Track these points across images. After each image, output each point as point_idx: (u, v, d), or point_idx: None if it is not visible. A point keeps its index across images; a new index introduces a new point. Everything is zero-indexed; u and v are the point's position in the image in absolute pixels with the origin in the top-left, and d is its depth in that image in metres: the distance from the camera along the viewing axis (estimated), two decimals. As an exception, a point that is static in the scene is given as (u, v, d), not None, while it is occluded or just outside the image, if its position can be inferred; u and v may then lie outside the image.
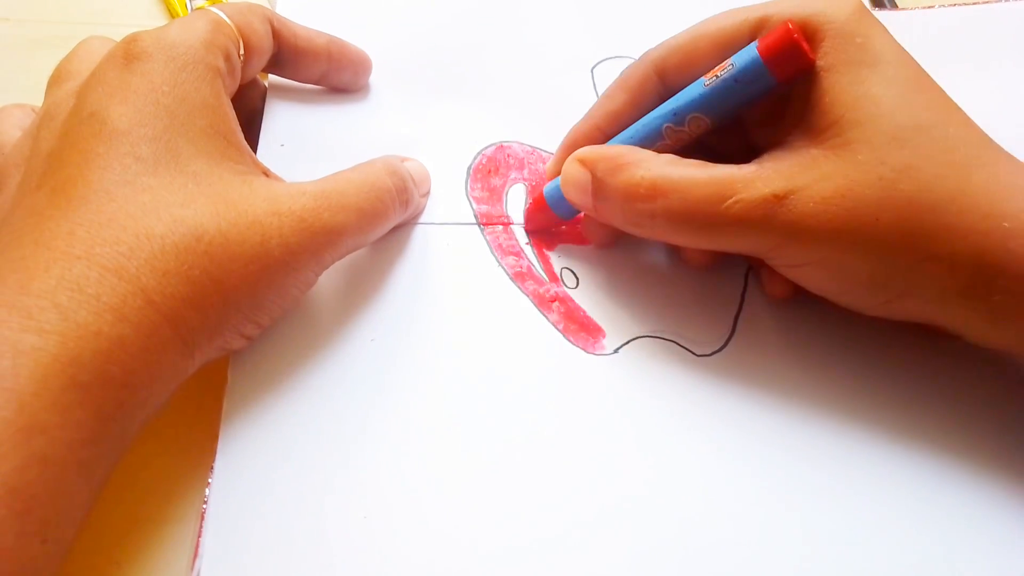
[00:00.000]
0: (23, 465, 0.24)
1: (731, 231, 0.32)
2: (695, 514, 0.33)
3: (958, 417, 0.35)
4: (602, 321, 0.37)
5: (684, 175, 0.33)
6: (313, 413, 0.34)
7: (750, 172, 0.32)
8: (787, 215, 0.31)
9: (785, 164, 0.32)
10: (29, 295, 0.26)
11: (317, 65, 0.40)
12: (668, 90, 0.36)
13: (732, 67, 0.32)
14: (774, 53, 0.31)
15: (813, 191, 0.31)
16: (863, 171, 0.30)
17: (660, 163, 0.33)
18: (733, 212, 0.31)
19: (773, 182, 0.31)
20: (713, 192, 0.32)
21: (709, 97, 0.33)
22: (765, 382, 0.36)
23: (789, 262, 0.33)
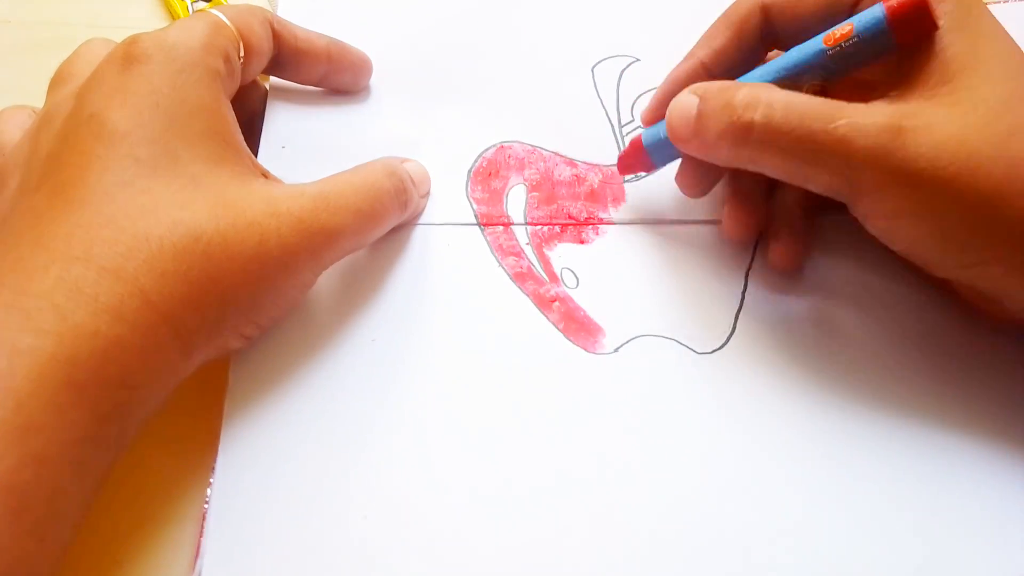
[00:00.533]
0: (19, 464, 0.24)
1: (835, 156, 0.30)
2: (697, 511, 0.33)
3: (962, 414, 0.35)
4: (602, 320, 0.37)
5: (787, 93, 0.32)
6: (314, 413, 0.34)
7: (860, 104, 0.31)
8: (900, 150, 0.30)
9: (898, 104, 0.31)
10: (27, 295, 0.26)
11: (317, 67, 0.40)
12: (771, 29, 0.36)
13: (857, 36, 0.32)
14: (902, 17, 0.31)
15: (928, 133, 0.30)
16: (977, 126, 0.30)
17: (763, 85, 0.33)
18: (841, 133, 0.30)
19: (890, 114, 0.30)
20: (821, 111, 0.31)
21: (831, 64, 0.33)
22: (766, 379, 0.36)
23: (886, 209, 0.32)
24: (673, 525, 0.32)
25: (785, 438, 0.34)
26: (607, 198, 0.40)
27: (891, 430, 0.34)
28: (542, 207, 0.40)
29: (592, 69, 0.44)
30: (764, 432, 0.34)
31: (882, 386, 0.35)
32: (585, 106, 0.43)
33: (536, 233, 0.40)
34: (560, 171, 0.41)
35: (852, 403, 0.35)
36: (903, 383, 0.35)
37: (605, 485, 0.33)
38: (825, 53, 0.33)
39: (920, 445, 0.34)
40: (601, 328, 0.37)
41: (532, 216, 0.40)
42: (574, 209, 0.40)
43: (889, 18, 0.31)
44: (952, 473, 0.34)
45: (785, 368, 0.36)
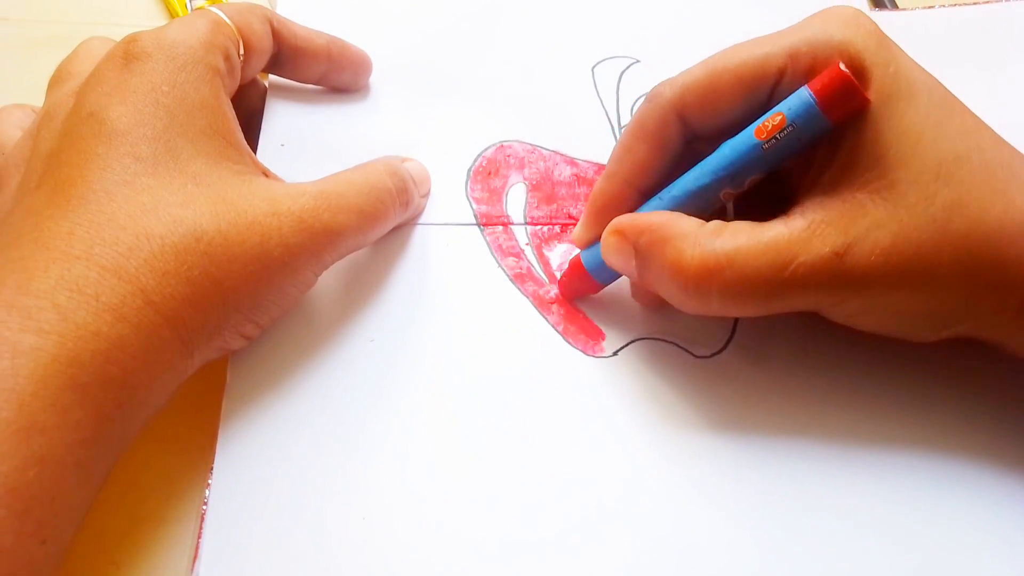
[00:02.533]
0: (22, 465, 0.24)
1: (793, 295, 0.30)
2: (694, 516, 0.33)
3: (963, 418, 0.35)
4: (602, 323, 0.37)
5: (737, 246, 0.30)
6: (312, 413, 0.34)
7: (802, 230, 0.30)
8: (848, 269, 0.30)
9: (835, 215, 0.30)
10: (28, 295, 0.26)
11: (317, 65, 0.40)
12: (690, 130, 0.34)
13: (791, 125, 0.30)
14: (832, 99, 0.30)
15: (870, 242, 0.29)
16: (914, 214, 0.29)
17: (707, 236, 0.31)
18: (795, 277, 0.30)
19: (830, 239, 0.30)
20: (772, 260, 0.30)
21: (769, 157, 0.31)
22: (765, 384, 0.36)
23: (849, 312, 0.32)
24: (670, 528, 0.32)
25: (784, 442, 0.34)
26: (607, 199, 0.40)
27: (891, 435, 0.35)
28: (542, 207, 0.40)
29: (592, 69, 0.44)
30: (763, 436, 0.34)
31: (882, 390, 0.35)
32: (585, 105, 0.43)
33: (536, 233, 0.40)
34: (560, 170, 0.41)
35: (851, 407, 0.35)
36: (903, 388, 0.36)
37: (603, 487, 0.33)
38: (761, 147, 0.31)
39: (920, 449, 0.34)
40: (600, 331, 0.37)
41: (532, 216, 0.40)
42: (574, 209, 0.40)
43: (818, 101, 0.30)
44: (954, 480, 0.34)
45: (784, 373, 0.36)
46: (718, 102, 0.33)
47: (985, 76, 0.44)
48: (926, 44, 0.35)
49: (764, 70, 0.32)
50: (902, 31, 0.33)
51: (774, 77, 0.32)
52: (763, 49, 0.32)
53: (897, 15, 0.48)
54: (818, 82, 0.30)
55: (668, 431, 0.34)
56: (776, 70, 0.32)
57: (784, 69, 0.31)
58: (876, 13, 0.47)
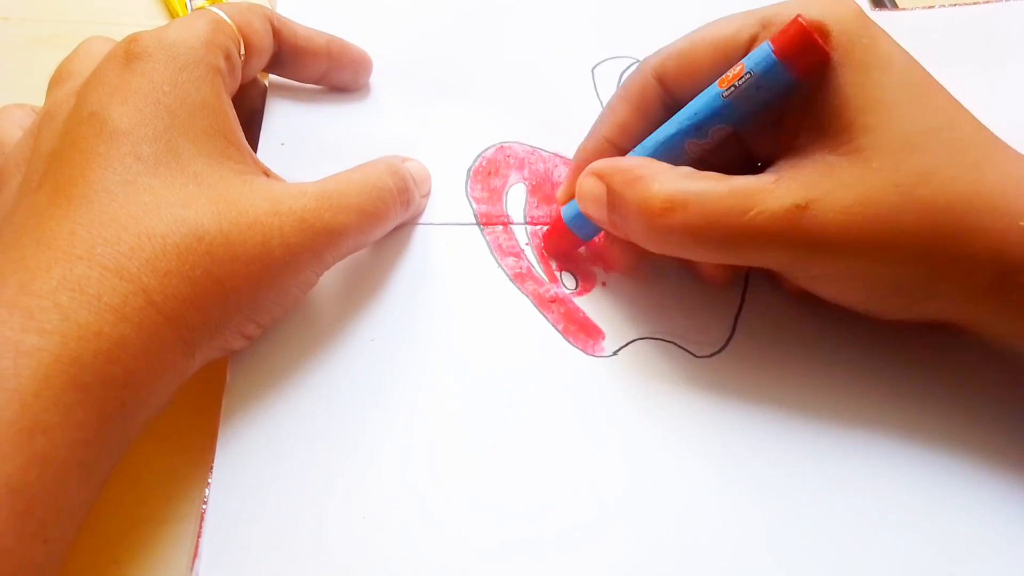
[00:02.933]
0: (24, 465, 0.24)
1: (752, 244, 0.31)
2: (695, 515, 0.33)
3: (963, 417, 0.35)
4: (602, 322, 0.37)
5: (702, 188, 0.31)
6: (312, 413, 0.34)
7: (769, 183, 0.31)
8: (809, 226, 0.30)
9: (803, 173, 0.31)
10: (30, 295, 0.26)
11: (317, 65, 0.40)
12: (671, 95, 0.35)
13: (749, 73, 0.31)
14: (789, 49, 0.30)
15: (833, 200, 0.30)
16: (880, 178, 0.30)
17: (676, 176, 0.32)
18: (755, 224, 0.30)
19: (793, 192, 0.30)
20: (733, 204, 0.31)
21: (731, 106, 0.32)
22: (765, 383, 0.36)
23: (810, 273, 0.32)
24: (671, 527, 0.32)
25: (785, 442, 0.34)
26: (607, 199, 0.40)
27: (892, 433, 0.35)
28: (542, 206, 0.40)
29: (592, 70, 0.44)
30: (763, 436, 0.34)
31: (883, 388, 0.36)
32: (585, 107, 0.43)
33: (536, 233, 0.40)
34: (560, 172, 0.41)
35: (852, 406, 0.35)
36: (904, 385, 0.36)
37: (604, 487, 0.33)
38: (721, 95, 0.32)
39: (922, 448, 0.34)
40: (601, 330, 0.37)
41: (532, 215, 0.40)
42: (574, 210, 0.40)
43: (775, 50, 0.30)
44: (956, 476, 0.34)
45: (785, 372, 0.36)
46: (694, 68, 0.34)
47: (985, 75, 0.44)
48: (926, 44, 0.35)
49: (736, 38, 0.33)
50: (902, 30, 0.33)
51: (745, 44, 0.33)
52: (738, 20, 0.34)
53: (897, 15, 0.48)
54: (778, 34, 0.31)
55: (668, 430, 0.34)
56: (748, 38, 0.33)
57: (755, 37, 0.33)
58: (876, 13, 0.47)
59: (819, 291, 0.33)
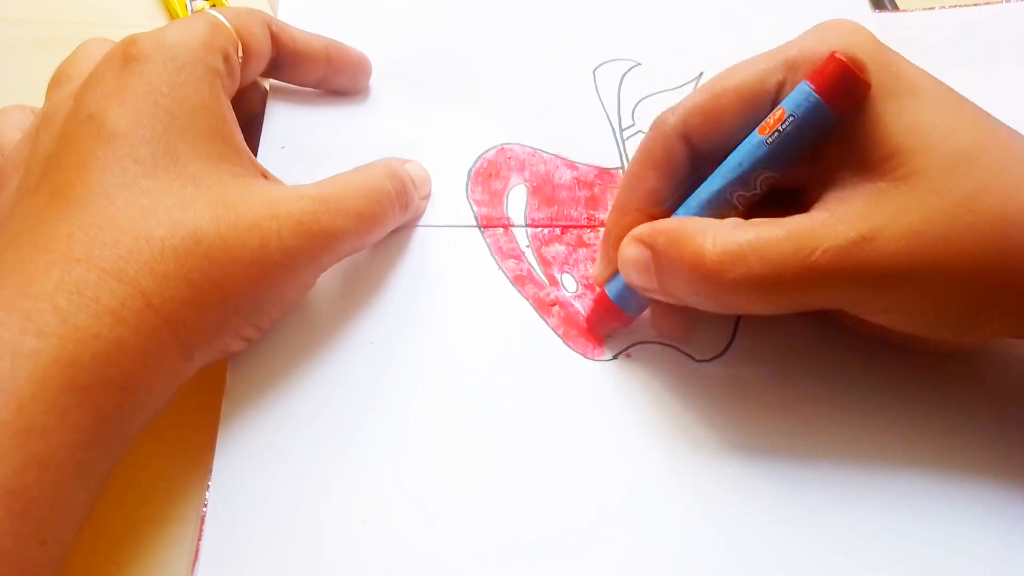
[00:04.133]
0: (22, 467, 0.24)
1: (819, 285, 0.29)
2: (694, 520, 0.33)
3: (965, 428, 0.35)
4: (602, 324, 0.37)
5: (758, 236, 0.29)
6: (312, 416, 0.34)
7: (825, 219, 0.29)
8: (875, 256, 0.28)
9: (856, 205, 0.29)
10: (28, 297, 0.26)
11: (316, 69, 0.40)
12: (696, 152, 0.34)
13: (792, 116, 0.30)
14: (830, 86, 0.29)
15: (895, 227, 0.29)
16: (937, 199, 0.29)
17: (726, 228, 0.30)
18: (821, 264, 0.29)
19: (854, 225, 0.29)
20: (796, 247, 0.29)
21: (776, 152, 0.31)
22: (765, 387, 0.36)
23: (879, 307, 0.31)
24: (670, 531, 0.32)
25: (784, 445, 0.34)
26: (608, 201, 0.40)
27: (892, 437, 0.35)
28: (543, 209, 0.40)
29: (593, 72, 0.44)
30: (763, 439, 0.34)
31: (883, 394, 0.35)
32: (586, 108, 0.43)
33: (536, 235, 0.39)
34: (561, 173, 0.41)
35: (852, 411, 0.35)
36: (905, 391, 0.36)
37: (603, 491, 0.33)
38: (765, 142, 0.31)
39: (922, 452, 0.34)
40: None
41: (533, 218, 0.40)
42: (575, 211, 0.40)
43: (816, 89, 0.29)
44: (955, 483, 0.34)
45: (784, 376, 0.36)
46: (721, 121, 0.33)
47: (985, 77, 0.44)
48: (926, 45, 0.35)
49: (763, 85, 0.32)
50: (902, 33, 0.33)
51: (774, 90, 0.32)
52: (761, 65, 0.32)
53: (897, 16, 0.48)
54: (815, 72, 0.30)
55: (668, 434, 0.34)
56: (776, 84, 0.32)
57: (783, 82, 0.31)
58: (877, 15, 0.47)
59: (882, 322, 0.32)
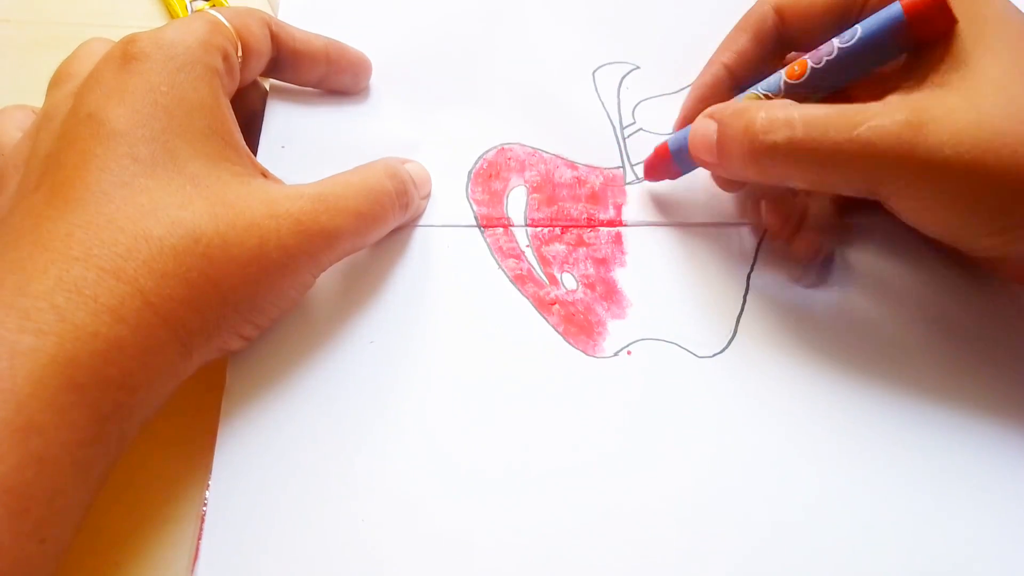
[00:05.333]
0: (20, 465, 0.24)
1: (859, 162, 0.31)
2: (697, 516, 0.33)
3: (965, 421, 0.35)
4: (602, 323, 0.37)
5: (808, 110, 0.32)
6: (311, 415, 0.34)
7: (879, 105, 0.32)
8: (922, 144, 0.30)
9: (914, 97, 0.32)
10: (27, 296, 0.26)
11: (316, 68, 0.40)
12: (787, 28, 0.37)
13: (873, 28, 0.33)
14: (920, 13, 0.32)
15: (946, 122, 0.30)
16: (994, 108, 0.30)
17: (781, 104, 0.34)
18: (864, 139, 0.31)
19: (906, 111, 0.31)
20: (842, 120, 0.31)
21: (847, 57, 0.34)
22: (767, 383, 0.36)
23: (919, 195, 0.32)
24: (671, 530, 0.32)
25: (786, 442, 0.34)
26: (608, 201, 0.40)
27: (894, 432, 0.34)
28: (543, 208, 0.40)
29: (593, 73, 0.44)
30: (765, 436, 0.34)
31: (885, 388, 0.35)
32: (586, 109, 0.43)
33: (537, 235, 0.39)
34: (561, 173, 0.41)
35: (855, 406, 0.35)
36: (907, 385, 0.36)
37: (605, 490, 0.33)
38: (836, 47, 0.34)
39: (924, 444, 0.34)
40: (601, 332, 0.37)
41: (533, 218, 0.40)
42: (575, 211, 0.40)
43: (908, 14, 0.32)
44: (959, 474, 0.34)
45: (787, 372, 0.36)
46: (813, 7, 0.36)
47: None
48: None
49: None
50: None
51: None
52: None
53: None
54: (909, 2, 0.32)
55: (669, 431, 0.34)
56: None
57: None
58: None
59: (922, 218, 0.33)
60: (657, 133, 0.42)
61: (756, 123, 0.33)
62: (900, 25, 0.32)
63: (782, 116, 0.32)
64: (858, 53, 0.33)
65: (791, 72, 0.35)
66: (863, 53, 0.33)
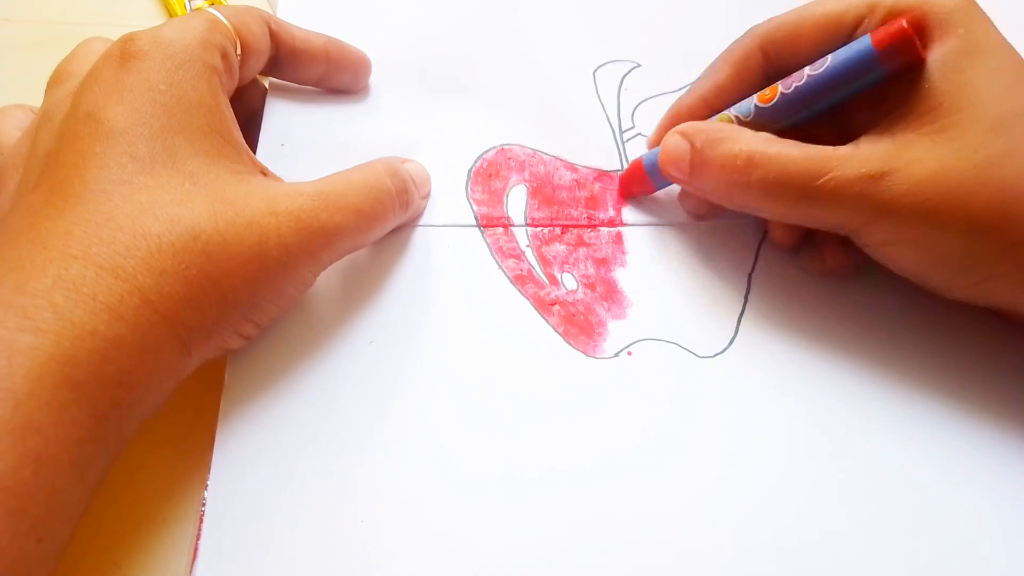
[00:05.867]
0: (18, 464, 0.24)
1: (824, 205, 0.33)
2: (697, 516, 0.33)
3: (967, 419, 0.35)
4: (603, 324, 0.37)
5: (781, 151, 0.34)
6: (312, 415, 0.34)
7: (846, 152, 0.33)
8: (881, 195, 0.32)
9: (881, 147, 0.32)
10: (25, 294, 0.26)
11: (315, 66, 0.40)
12: (772, 66, 0.37)
13: (842, 58, 0.34)
14: (887, 47, 0.32)
15: (907, 173, 0.31)
16: (958, 158, 0.31)
17: (758, 139, 0.35)
18: (828, 188, 0.32)
19: (868, 162, 0.32)
20: (809, 168, 0.33)
21: (816, 85, 0.34)
22: (768, 383, 0.36)
23: (879, 240, 0.34)
24: (672, 530, 0.32)
25: (788, 442, 0.34)
26: (608, 202, 0.40)
27: (896, 432, 0.34)
28: (543, 208, 0.40)
29: (593, 73, 0.44)
30: (766, 437, 0.34)
31: (886, 389, 0.35)
32: (586, 110, 0.43)
33: (537, 235, 0.39)
34: (560, 175, 0.41)
35: (856, 407, 0.35)
36: (908, 385, 0.35)
37: (606, 490, 0.33)
38: (806, 75, 0.35)
39: (927, 448, 0.34)
40: (601, 332, 0.37)
41: (533, 217, 0.40)
42: (575, 211, 0.40)
43: (876, 46, 0.33)
44: (960, 475, 0.34)
45: (789, 372, 0.36)
46: (798, 41, 0.36)
47: None
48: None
49: (843, 17, 0.35)
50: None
51: (851, 25, 0.35)
52: (847, 1, 0.35)
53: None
54: (881, 32, 0.33)
55: (670, 431, 0.34)
56: (853, 19, 0.35)
57: (861, 19, 0.35)
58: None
59: (886, 259, 0.35)
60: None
61: (733, 159, 0.34)
62: (869, 55, 0.33)
63: (757, 157, 0.34)
64: (827, 81, 0.34)
65: (762, 96, 0.36)
66: (832, 82, 0.34)
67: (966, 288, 0.33)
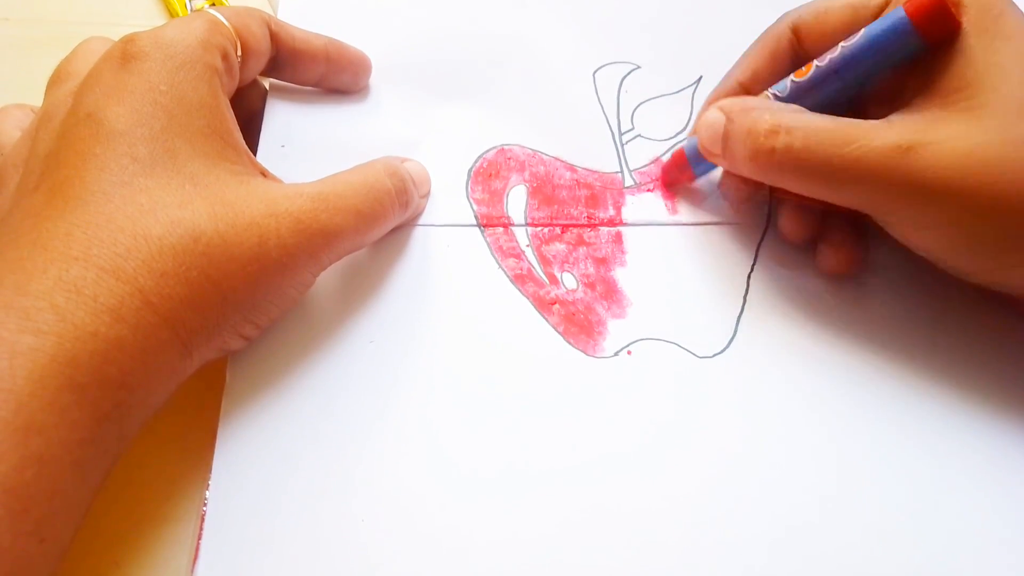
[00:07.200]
0: (20, 465, 0.24)
1: (851, 177, 0.32)
2: (696, 515, 0.33)
3: (967, 415, 0.35)
4: (602, 324, 0.37)
5: (809, 120, 0.34)
6: (312, 415, 0.34)
7: (876, 124, 0.32)
8: (911, 167, 0.31)
9: (911, 121, 0.32)
10: (27, 296, 0.26)
11: (316, 67, 0.40)
12: (802, 48, 0.38)
13: (877, 30, 0.34)
14: (923, 14, 0.32)
15: (939, 148, 0.31)
16: (991, 135, 0.30)
17: (787, 108, 0.35)
18: (855, 156, 0.32)
19: (901, 134, 0.31)
20: (836, 135, 0.32)
21: (850, 57, 0.34)
22: (767, 383, 0.36)
23: (907, 217, 0.33)
24: (671, 530, 0.32)
25: (787, 442, 0.34)
26: (607, 202, 0.40)
27: (896, 432, 0.34)
28: (543, 208, 0.40)
29: (593, 74, 0.44)
30: (765, 436, 0.34)
31: (886, 389, 0.35)
32: (586, 111, 0.43)
33: (537, 235, 0.39)
34: (560, 175, 0.41)
35: (855, 407, 0.35)
36: (909, 387, 0.36)
37: (605, 490, 0.33)
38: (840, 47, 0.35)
39: (926, 448, 0.34)
40: (601, 331, 0.37)
41: (533, 217, 0.40)
42: (575, 211, 0.40)
43: (910, 14, 0.32)
44: (960, 477, 0.34)
45: (787, 372, 0.36)
46: (827, 24, 0.37)
47: None
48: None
49: (869, 2, 0.36)
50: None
51: (877, 8, 0.35)
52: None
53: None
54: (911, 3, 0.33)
55: (670, 431, 0.34)
56: (881, 1, 0.35)
57: (888, 1, 0.35)
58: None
59: (912, 240, 0.34)
60: (655, 140, 0.42)
61: (759, 125, 0.34)
62: (903, 25, 0.33)
63: (785, 122, 0.34)
64: (862, 51, 0.34)
65: (798, 72, 0.36)
66: (866, 52, 0.34)
67: (989, 272, 0.33)
